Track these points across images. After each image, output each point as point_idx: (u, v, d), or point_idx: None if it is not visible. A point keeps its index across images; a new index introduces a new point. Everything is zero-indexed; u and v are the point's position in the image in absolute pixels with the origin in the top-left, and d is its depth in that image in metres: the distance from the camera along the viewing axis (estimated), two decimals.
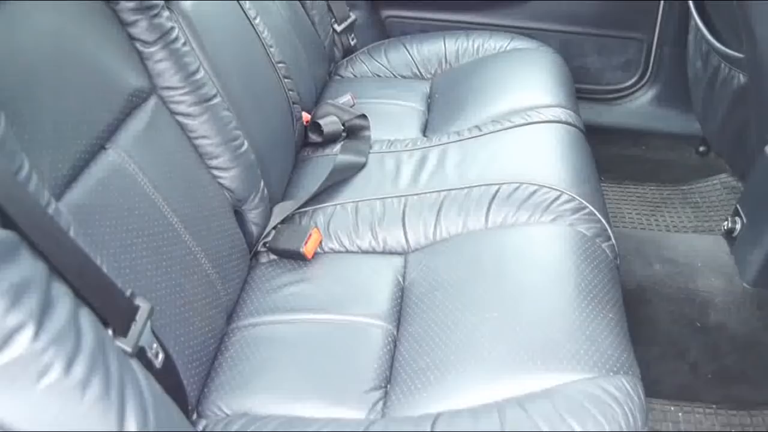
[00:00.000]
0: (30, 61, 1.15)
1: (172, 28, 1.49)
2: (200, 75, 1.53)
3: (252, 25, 1.88)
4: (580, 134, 2.00)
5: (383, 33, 2.75)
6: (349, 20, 2.57)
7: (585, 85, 2.71)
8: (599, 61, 2.72)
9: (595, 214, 1.64)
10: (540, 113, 2.00)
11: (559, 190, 1.67)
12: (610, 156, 2.68)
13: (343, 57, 2.59)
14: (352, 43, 2.59)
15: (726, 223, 1.67)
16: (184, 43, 1.52)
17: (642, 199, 2.58)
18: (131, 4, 1.40)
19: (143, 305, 1.12)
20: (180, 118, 1.50)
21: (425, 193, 1.74)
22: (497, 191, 1.68)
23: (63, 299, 0.95)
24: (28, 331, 0.87)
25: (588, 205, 1.65)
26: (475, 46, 2.46)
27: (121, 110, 1.33)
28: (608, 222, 1.66)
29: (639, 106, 2.74)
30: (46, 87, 1.16)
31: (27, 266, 0.92)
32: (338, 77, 2.49)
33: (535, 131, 1.94)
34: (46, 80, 1.17)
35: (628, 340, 1.36)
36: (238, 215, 1.63)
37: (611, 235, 1.63)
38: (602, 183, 2.05)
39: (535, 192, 1.66)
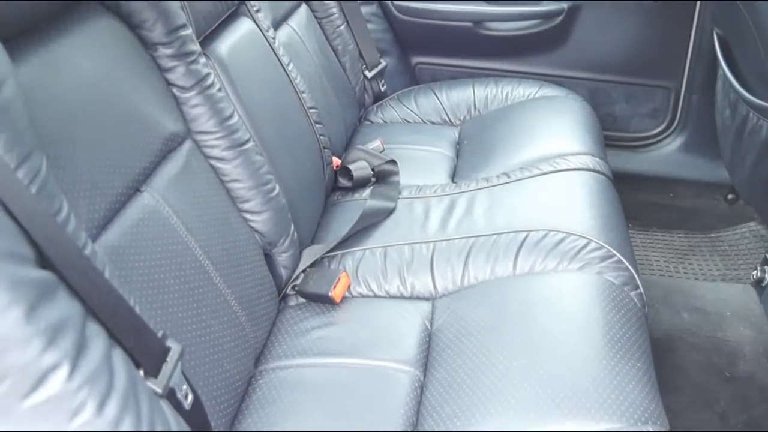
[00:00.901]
0: (71, 104, 1.18)
1: (208, 74, 1.53)
2: (234, 120, 1.56)
3: (285, 71, 1.92)
4: (608, 182, 2.00)
5: (413, 79, 2.79)
6: (380, 66, 2.60)
7: (613, 132, 2.72)
8: (627, 109, 2.73)
9: (623, 262, 1.64)
10: (568, 161, 2.01)
11: (587, 238, 1.67)
12: (638, 203, 2.68)
13: (374, 102, 2.62)
14: (383, 88, 2.62)
15: (755, 272, 1.66)
16: (219, 89, 1.55)
17: (670, 246, 2.57)
18: (169, 51, 1.44)
19: (174, 346, 1.13)
20: (213, 162, 1.53)
21: (454, 239, 1.75)
22: (525, 238, 1.68)
23: (97, 339, 0.97)
24: (63, 371, 0.89)
25: (616, 253, 1.65)
26: (504, 93, 2.48)
27: (156, 154, 1.36)
28: (636, 270, 1.66)
29: (667, 154, 2.74)
30: (85, 130, 1.19)
31: (64, 306, 0.94)
32: (368, 122, 2.52)
33: (563, 179, 1.95)
34: (85, 123, 1.20)
35: (656, 389, 1.35)
36: (268, 258, 1.64)
37: (639, 283, 1.63)
38: (630, 230, 2.04)
39: (563, 239, 1.67)
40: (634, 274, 1.63)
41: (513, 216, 1.79)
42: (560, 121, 2.27)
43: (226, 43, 1.71)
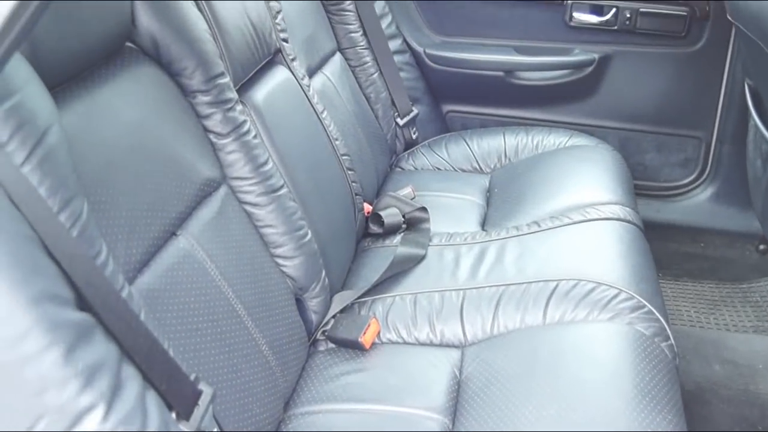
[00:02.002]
0: (111, 149, 1.21)
1: (245, 121, 1.56)
2: (269, 166, 1.59)
3: (319, 119, 1.95)
4: (639, 232, 2.00)
5: (444, 127, 2.81)
6: (412, 114, 2.63)
7: (644, 181, 2.72)
8: (658, 158, 2.73)
9: (653, 313, 1.63)
10: (598, 210, 2.01)
11: (618, 288, 1.67)
12: (668, 253, 2.66)
13: (405, 150, 2.64)
14: (414, 136, 2.65)
15: None
16: (255, 136, 1.58)
17: (700, 296, 2.55)
18: (208, 98, 1.48)
19: (206, 390, 1.14)
20: (248, 207, 1.55)
21: (484, 287, 1.75)
22: (555, 287, 1.68)
23: (132, 381, 0.99)
24: (99, 412, 0.91)
25: (647, 303, 1.65)
26: (535, 141, 2.49)
27: (192, 198, 1.39)
28: (667, 321, 1.65)
29: (697, 204, 2.73)
30: (125, 175, 1.22)
31: (101, 348, 0.96)
32: (399, 169, 2.54)
33: (593, 228, 1.95)
34: (125, 168, 1.22)
35: None
36: (299, 303, 1.65)
37: (670, 334, 1.62)
38: (660, 280, 2.03)
39: (593, 289, 1.66)
40: (665, 324, 1.63)
41: (543, 265, 1.79)
42: (591, 170, 2.28)
43: (262, 91, 1.74)
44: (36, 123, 0.97)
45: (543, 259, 1.82)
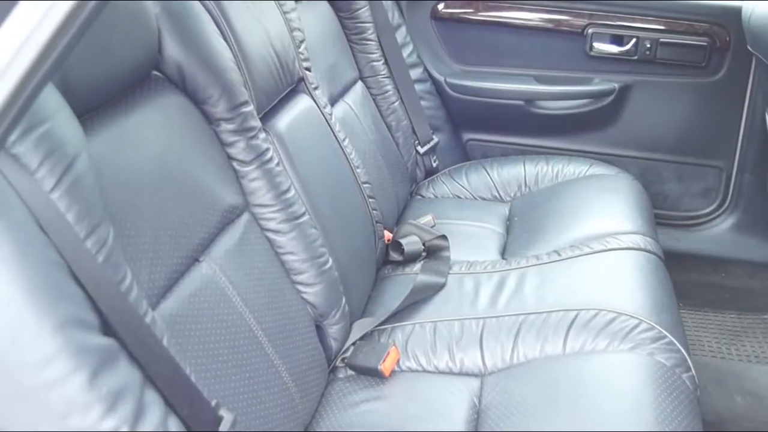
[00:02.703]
0: (137, 176, 1.23)
1: (267, 149, 1.58)
2: (291, 194, 1.60)
3: (341, 146, 1.96)
4: (659, 261, 1.99)
5: (464, 155, 2.82)
6: (432, 142, 2.64)
7: (664, 211, 2.71)
8: (678, 188, 2.72)
9: (674, 344, 1.62)
10: (619, 240, 2.01)
11: (639, 318, 1.66)
12: (689, 282, 2.65)
13: (425, 177, 2.65)
14: (434, 164, 2.66)
15: None
16: (278, 164, 1.60)
17: (722, 327, 2.53)
18: (231, 126, 1.50)
19: (227, 416, 1.15)
20: (269, 234, 1.57)
21: (503, 315, 1.75)
22: (576, 317, 1.68)
23: (154, 407, 1.00)
24: None
25: (667, 334, 1.64)
26: (555, 170, 2.50)
27: (215, 225, 1.40)
28: (688, 352, 1.64)
29: (718, 234, 2.72)
30: (149, 201, 1.24)
31: (124, 373, 0.97)
32: (419, 197, 2.55)
33: (613, 258, 1.95)
34: (150, 195, 1.24)
35: None
36: (319, 330, 1.66)
37: (691, 365, 1.61)
38: (681, 310, 2.03)
39: (614, 319, 1.66)
40: (686, 355, 1.62)
41: (563, 294, 1.79)
42: (611, 199, 2.28)
43: (285, 119, 1.76)
44: (65, 150, 0.99)
45: (563, 289, 1.82)
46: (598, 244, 1.99)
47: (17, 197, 0.93)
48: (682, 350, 1.62)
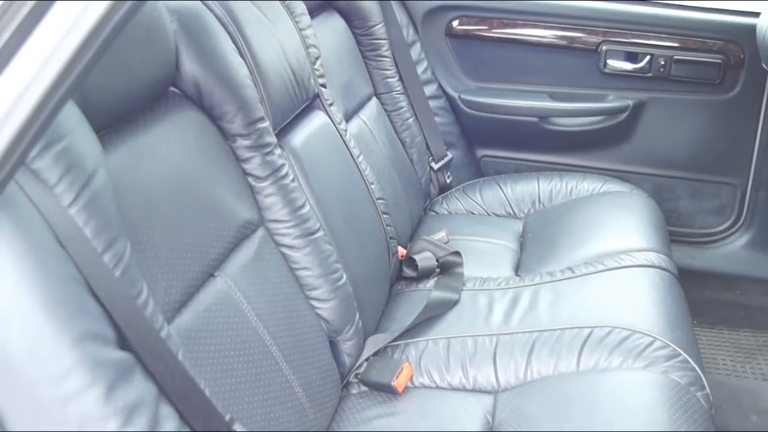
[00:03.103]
0: (154, 191, 1.24)
1: (283, 164, 1.59)
2: (306, 210, 1.61)
3: (355, 162, 1.97)
4: (673, 279, 1.99)
5: (478, 172, 2.82)
6: (446, 159, 2.64)
7: (678, 228, 2.70)
8: (692, 205, 2.71)
9: (689, 362, 1.62)
10: (633, 257, 2.00)
11: (653, 336, 1.66)
12: (704, 300, 2.64)
13: (439, 194, 2.65)
14: (448, 180, 2.66)
15: None
16: (293, 180, 1.61)
17: (737, 345, 2.52)
18: (247, 142, 1.51)
19: (240, 430, 1.16)
20: (284, 250, 1.57)
21: (517, 332, 1.75)
22: (590, 334, 1.68)
23: (169, 421, 1.01)
24: None
25: (682, 352, 1.63)
26: (569, 187, 2.50)
27: (231, 240, 1.41)
28: (702, 370, 1.64)
29: (733, 251, 2.71)
30: (166, 216, 1.25)
31: (140, 387, 0.98)
32: (433, 213, 2.55)
33: (627, 275, 1.94)
34: (166, 210, 1.25)
35: None
36: (333, 345, 1.66)
37: (705, 383, 1.60)
38: (695, 328, 2.02)
39: (628, 337, 1.65)
40: (701, 374, 1.61)
41: (577, 311, 1.79)
42: (625, 216, 2.27)
43: (300, 136, 1.77)
44: (84, 166, 1.00)
45: (577, 306, 1.81)
46: (612, 261, 1.99)
47: (37, 212, 0.94)
48: (697, 368, 1.61)
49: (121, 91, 1.23)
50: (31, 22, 0.73)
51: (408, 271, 2.11)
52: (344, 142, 1.96)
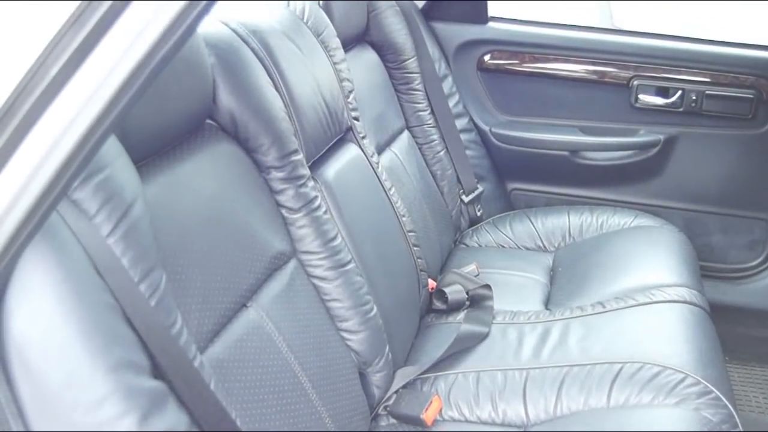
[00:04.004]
0: (189, 223, 1.26)
1: (316, 197, 1.60)
2: (338, 242, 1.63)
3: (387, 195, 1.99)
4: (705, 315, 1.97)
5: (509, 205, 2.82)
6: (477, 192, 2.65)
7: (710, 263, 2.68)
8: (724, 240, 2.69)
9: (721, 399, 1.60)
10: (664, 292, 1.99)
11: (684, 373, 1.64)
12: (736, 336, 2.61)
13: (469, 226, 2.65)
14: (478, 213, 2.66)
15: None
16: (325, 212, 1.63)
17: None
18: (281, 174, 1.53)
19: None
20: (315, 281, 1.59)
21: (547, 367, 1.74)
22: (620, 370, 1.67)
23: None
24: None
25: (714, 389, 1.62)
26: (599, 221, 2.49)
27: (263, 271, 1.43)
28: (735, 407, 1.62)
29: (766, 286, 2.67)
30: (200, 247, 1.26)
31: (172, 417, 0.99)
32: (463, 246, 2.55)
33: (659, 310, 1.93)
34: (201, 241, 1.27)
35: None
36: (362, 377, 1.66)
37: (738, 422, 1.59)
38: (727, 364, 2.00)
39: (659, 373, 1.64)
40: (733, 411, 1.59)
41: (608, 347, 1.78)
42: (656, 251, 2.26)
43: (333, 168, 1.79)
44: (123, 196, 1.02)
45: (607, 341, 1.80)
46: (643, 296, 1.97)
47: (76, 241, 0.96)
48: (729, 406, 1.60)
49: (160, 123, 1.25)
50: (79, 56, 0.76)
51: (438, 304, 2.11)
52: (376, 174, 1.97)
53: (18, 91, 0.77)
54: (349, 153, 1.90)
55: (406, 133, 2.42)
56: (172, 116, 1.29)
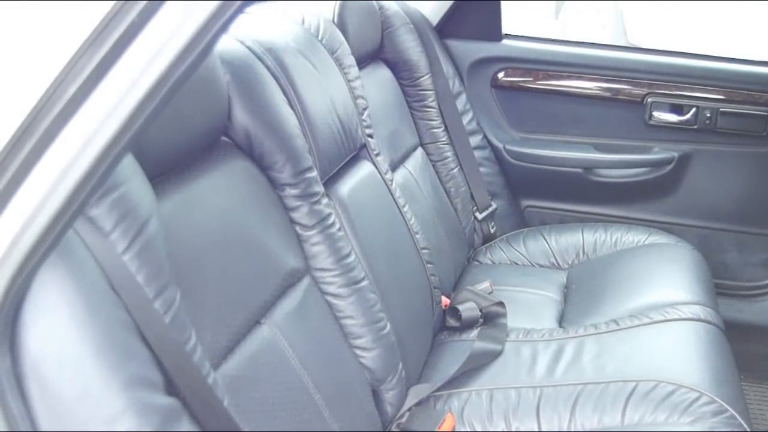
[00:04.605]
0: (203, 240, 1.27)
1: (330, 214, 1.61)
2: (351, 259, 1.63)
3: (401, 212, 1.99)
4: (720, 333, 1.96)
5: (522, 222, 2.82)
6: (490, 209, 2.65)
7: (724, 281, 2.67)
8: (739, 258, 2.68)
9: (736, 418, 1.59)
10: (678, 310, 1.98)
11: (699, 391, 1.64)
12: (751, 355, 2.59)
13: (483, 243, 2.65)
14: (492, 230, 2.66)
15: None
16: (339, 229, 1.63)
17: None
18: (295, 191, 1.53)
19: None
20: (329, 298, 1.59)
21: (561, 385, 1.73)
22: (635, 388, 1.66)
23: None
24: None
25: (729, 408, 1.61)
26: (613, 239, 2.48)
27: (277, 288, 1.43)
28: (750, 426, 1.61)
29: None
30: (214, 264, 1.27)
31: None
32: (477, 263, 2.55)
33: (673, 328, 1.92)
34: (215, 258, 1.27)
35: None
36: (375, 394, 1.66)
37: None
38: (742, 382, 1.98)
39: (673, 392, 1.63)
40: (748, 430, 1.58)
41: (622, 365, 1.77)
42: (670, 269, 2.25)
43: (347, 185, 1.79)
44: (138, 213, 1.02)
45: (622, 359, 1.79)
46: (658, 314, 1.97)
47: (91, 258, 0.96)
48: (745, 424, 1.59)
49: (175, 140, 1.26)
50: (97, 75, 0.76)
51: (451, 321, 2.11)
52: (390, 191, 1.97)
53: (37, 109, 0.78)
54: (363, 170, 1.90)
55: (419, 150, 2.43)
56: (188, 133, 1.30)
